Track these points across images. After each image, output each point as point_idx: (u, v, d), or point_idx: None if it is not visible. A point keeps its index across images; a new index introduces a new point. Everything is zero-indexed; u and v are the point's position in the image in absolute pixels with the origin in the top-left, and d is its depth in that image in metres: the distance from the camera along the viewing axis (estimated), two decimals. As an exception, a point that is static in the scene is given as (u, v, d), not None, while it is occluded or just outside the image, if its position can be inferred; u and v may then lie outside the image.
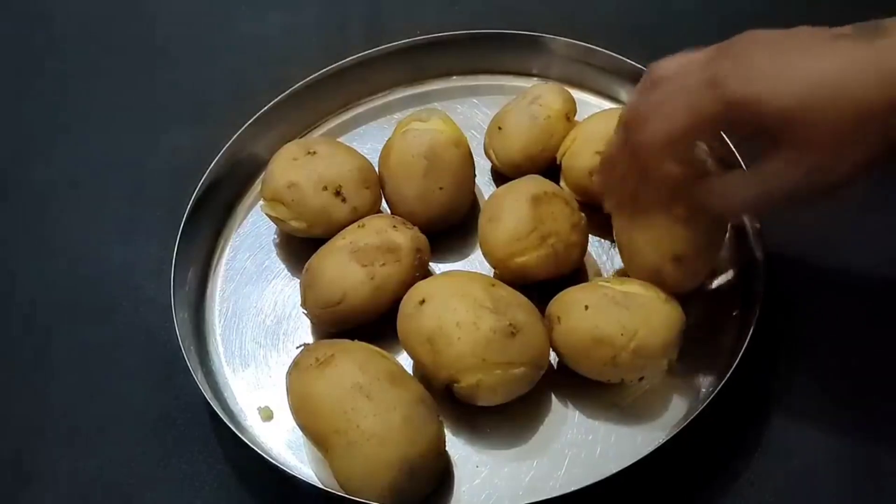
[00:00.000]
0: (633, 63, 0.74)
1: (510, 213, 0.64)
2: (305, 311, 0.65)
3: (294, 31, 0.90)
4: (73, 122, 0.84)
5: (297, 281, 0.68)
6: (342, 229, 0.66)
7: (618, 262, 0.67)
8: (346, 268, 0.63)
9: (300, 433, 0.60)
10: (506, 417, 0.60)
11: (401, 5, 0.91)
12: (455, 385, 0.58)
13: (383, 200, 0.71)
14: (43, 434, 0.65)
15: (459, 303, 0.58)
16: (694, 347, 0.60)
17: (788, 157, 0.49)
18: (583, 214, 0.65)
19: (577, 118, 0.72)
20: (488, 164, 0.74)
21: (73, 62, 0.90)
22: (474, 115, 0.79)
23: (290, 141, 0.73)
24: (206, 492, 0.61)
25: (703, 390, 0.60)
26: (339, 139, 0.78)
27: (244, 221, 0.74)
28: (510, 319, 0.58)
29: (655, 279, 0.60)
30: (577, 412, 0.61)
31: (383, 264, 0.63)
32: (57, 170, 0.80)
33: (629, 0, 0.89)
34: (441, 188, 0.68)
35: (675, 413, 0.59)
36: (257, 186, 0.74)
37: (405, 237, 0.64)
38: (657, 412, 0.60)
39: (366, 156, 0.71)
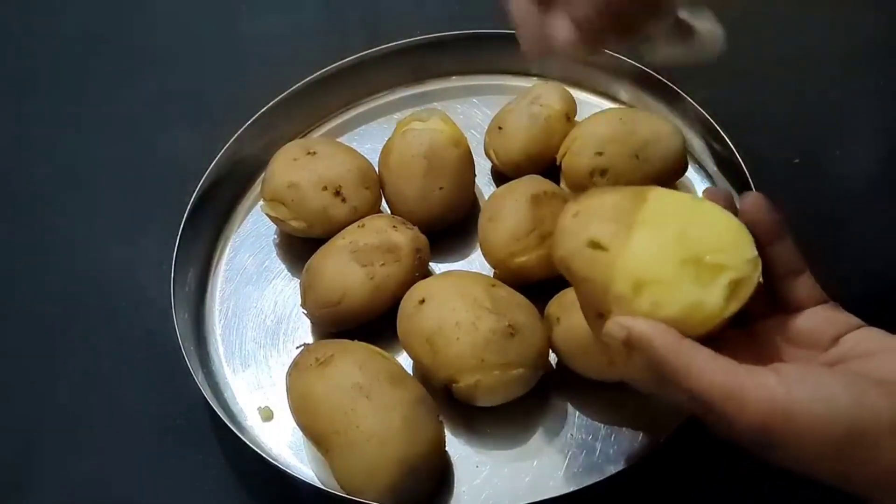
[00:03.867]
0: (634, 63, 0.74)
1: (510, 213, 0.64)
2: (305, 311, 0.65)
3: (294, 31, 0.90)
4: (73, 122, 0.84)
5: (297, 281, 0.68)
6: (342, 229, 0.66)
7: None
8: (346, 268, 0.63)
9: (300, 433, 0.60)
10: (506, 417, 0.60)
11: (401, 5, 0.91)
12: (454, 385, 0.58)
13: (383, 200, 0.71)
14: (43, 434, 0.65)
15: (459, 303, 0.58)
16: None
17: None
18: (583, 214, 0.65)
19: (577, 118, 0.72)
20: (488, 164, 0.74)
21: (73, 62, 0.89)
22: (474, 115, 0.79)
23: (290, 141, 0.74)
24: (206, 492, 0.61)
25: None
26: (339, 139, 0.78)
27: (244, 221, 0.74)
28: (509, 320, 0.58)
29: None
30: (577, 412, 0.61)
31: (383, 264, 0.63)
32: (57, 170, 0.80)
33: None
34: (441, 188, 0.68)
35: (674, 413, 0.59)
36: (257, 186, 0.74)
37: (405, 237, 0.64)
38: (657, 412, 0.60)
39: (366, 156, 0.71)
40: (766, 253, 0.46)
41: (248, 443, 0.57)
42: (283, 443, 0.62)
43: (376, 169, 0.71)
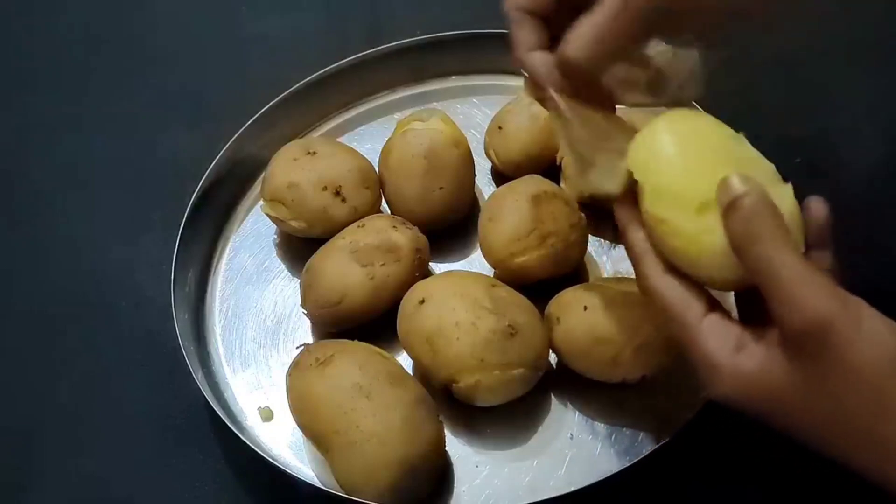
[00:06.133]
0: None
1: (510, 213, 0.64)
2: (305, 311, 0.65)
3: (294, 31, 0.90)
4: (73, 122, 0.84)
5: (297, 281, 0.68)
6: (342, 229, 0.66)
7: (617, 263, 0.67)
8: (346, 268, 0.63)
9: (300, 433, 0.60)
10: (505, 417, 0.60)
11: (401, 5, 0.91)
12: (454, 385, 0.58)
13: (383, 200, 0.71)
14: (43, 434, 0.65)
15: (459, 303, 0.58)
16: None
17: None
18: (583, 214, 0.65)
19: (577, 118, 0.72)
20: (488, 164, 0.74)
21: (73, 62, 0.90)
22: (474, 115, 0.79)
23: (290, 141, 0.74)
24: (206, 492, 0.61)
25: (703, 390, 0.60)
26: (339, 139, 0.78)
27: (244, 221, 0.74)
28: (509, 320, 0.58)
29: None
30: (577, 412, 0.61)
31: (383, 264, 0.63)
32: (57, 170, 0.80)
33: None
34: (441, 188, 0.68)
35: (675, 413, 0.59)
36: (257, 186, 0.74)
37: (405, 237, 0.64)
38: (657, 412, 0.60)
39: (366, 156, 0.71)
40: (806, 255, 0.46)
41: (248, 443, 0.57)
42: (283, 443, 0.62)
43: (376, 169, 0.71)
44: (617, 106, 0.53)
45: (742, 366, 0.41)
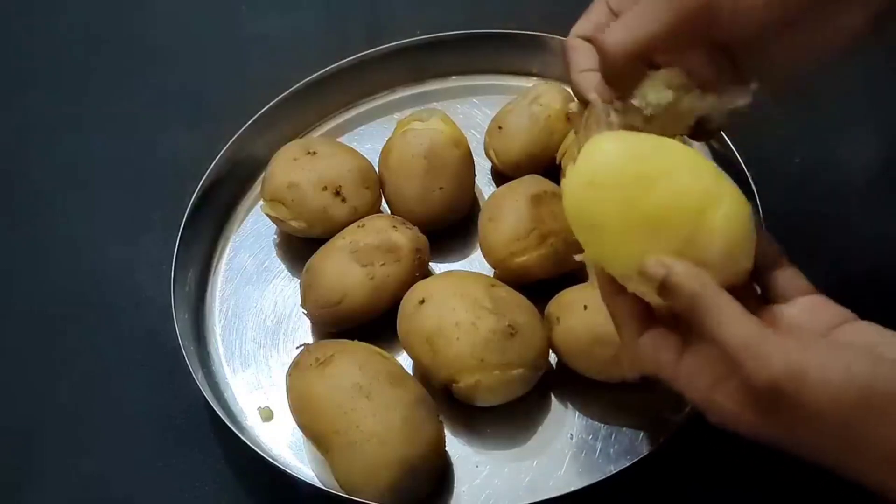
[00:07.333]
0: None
1: (510, 212, 0.64)
2: (305, 311, 0.65)
3: (294, 31, 0.90)
4: (73, 122, 0.84)
5: (297, 281, 0.68)
6: (342, 229, 0.66)
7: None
8: (346, 268, 0.63)
9: (300, 433, 0.60)
10: (506, 417, 0.60)
11: (401, 5, 0.91)
12: (454, 385, 0.58)
13: (383, 200, 0.71)
14: (43, 434, 0.65)
15: (459, 303, 0.58)
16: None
17: None
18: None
19: (577, 118, 0.72)
20: (488, 164, 0.74)
21: (73, 62, 0.89)
22: (474, 115, 0.79)
23: (290, 141, 0.74)
24: (206, 492, 0.61)
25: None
26: (339, 139, 0.78)
27: (244, 221, 0.74)
28: (509, 320, 0.58)
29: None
30: (577, 412, 0.61)
31: (383, 264, 0.63)
32: (57, 170, 0.80)
33: (629, 0, 0.89)
34: (441, 188, 0.68)
35: (674, 413, 0.59)
36: (257, 186, 0.74)
37: (405, 237, 0.64)
38: (657, 412, 0.60)
39: (366, 156, 0.71)
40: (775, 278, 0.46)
41: (248, 443, 0.58)
42: (283, 443, 0.62)
43: (376, 169, 0.71)
44: None
45: (720, 405, 0.42)
